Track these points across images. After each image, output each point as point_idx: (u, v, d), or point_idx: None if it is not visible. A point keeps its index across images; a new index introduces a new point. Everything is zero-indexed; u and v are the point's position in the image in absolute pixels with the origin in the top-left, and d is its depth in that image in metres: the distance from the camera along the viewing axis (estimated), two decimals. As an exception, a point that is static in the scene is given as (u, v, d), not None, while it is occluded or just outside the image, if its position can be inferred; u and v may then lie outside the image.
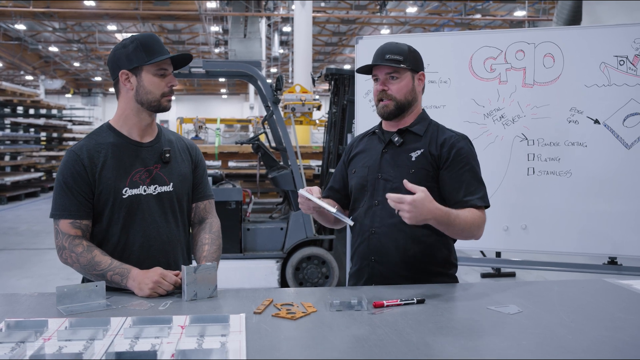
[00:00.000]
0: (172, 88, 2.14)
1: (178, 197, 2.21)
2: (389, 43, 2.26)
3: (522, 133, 3.58)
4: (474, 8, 21.49)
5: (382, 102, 2.23)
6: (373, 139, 2.37)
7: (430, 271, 2.23)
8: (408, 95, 2.23)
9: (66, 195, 2.05)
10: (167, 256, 2.17)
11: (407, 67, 2.21)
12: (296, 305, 1.84)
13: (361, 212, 2.27)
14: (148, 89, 2.08)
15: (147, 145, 2.17)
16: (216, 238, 2.28)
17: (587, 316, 1.79)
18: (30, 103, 15.40)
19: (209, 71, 5.82)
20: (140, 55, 2.06)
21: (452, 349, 1.48)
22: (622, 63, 3.37)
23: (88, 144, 2.10)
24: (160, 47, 2.09)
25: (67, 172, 2.06)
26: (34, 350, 1.39)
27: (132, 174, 2.11)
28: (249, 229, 5.70)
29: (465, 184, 2.17)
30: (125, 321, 1.64)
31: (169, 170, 2.19)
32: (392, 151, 2.26)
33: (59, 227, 2.06)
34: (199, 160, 2.34)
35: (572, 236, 3.51)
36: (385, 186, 2.21)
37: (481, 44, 3.64)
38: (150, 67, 2.07)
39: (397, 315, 1.76)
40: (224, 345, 1.45)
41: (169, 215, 2.18)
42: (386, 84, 2.22)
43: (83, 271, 2.05)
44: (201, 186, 2.34)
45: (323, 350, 1.47)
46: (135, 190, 2.10)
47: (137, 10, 19.76)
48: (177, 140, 2.30)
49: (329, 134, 6.18)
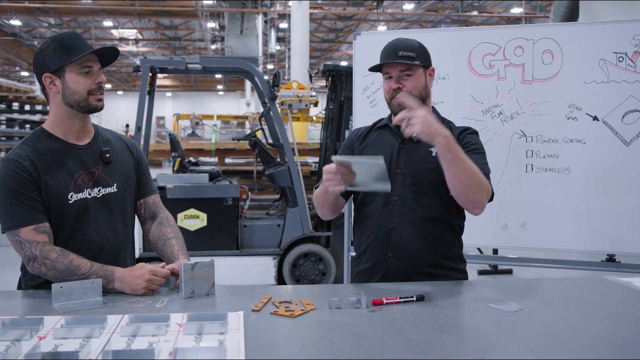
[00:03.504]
0: (100, 85, 2.02)
1: (123, 197, 2.15)
2: (399, 39, 2.22)
3: (521, 130, 3.56)
4: (471, 5, 21.48)
5: (396, 100, 2.17)
6: (384, 132, 2.32)
7: (446, 266, 2.23)
8: (422, 91, 2.20)
9: (18, 203, 1.93)
10: (118, 258, 2.13)
11: (421, 63, 2.17)
12: (295, 302, 1.82)
13: (376, 208, 2.22)
14: (73, 89, 1.98)
15: (86, 147, 2.09)
16: (178, 232, 2.25)
17: (587, 314, 1.77)
18: (26, 99, 15.33)
19: (206, 67, 5.80)
20: (61, 56, 1.95)
21: (454, 347, 1.47)
22: (622, 59, 3.35)
23: (25, 151, 1.98)
24: (82, 45, 1.98)
25: (12, 180, 1.93)
26: (29, 349, 1.37)
27: (75, 177, 2.03)
28: (246, 225, 5.68)
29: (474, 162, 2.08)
30: (122, 319, 1.62)
31: (111, 170, 2.12)
32: (410, 147, 2.23)
33: (21, 237, 1.93)
34: (140, 156, 2.27)
35: (570, 233, 3.50)
36: (405, 181, 2.19)
37: (480, 40, 3.62)
38: (73, 66, 1.96)
39: (396, 312, 1.74)
40: (222, 344, 1.43)
41: (116, 216, 2.13)
42: (400, 81, 2.17)
43: (60, 278, 1.92)
44: (146, 182, 2.29)
45: (323, 348, 1.45)
46: (80, 194, 2.03)
47: (133, 6, 19.69)
48: (116, 139, 2.22)
49: (326, 130, 6.16)
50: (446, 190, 2.16)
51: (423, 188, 2.18)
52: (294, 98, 7.24)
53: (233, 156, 8.66)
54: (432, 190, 2.18)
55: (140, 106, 5.51)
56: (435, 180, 2.16)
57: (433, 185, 2.18)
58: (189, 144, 9.37)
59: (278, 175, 5.68)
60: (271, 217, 5.98)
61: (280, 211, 6.18)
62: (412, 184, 2.19)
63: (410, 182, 2.19)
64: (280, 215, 5.97)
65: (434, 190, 2.18)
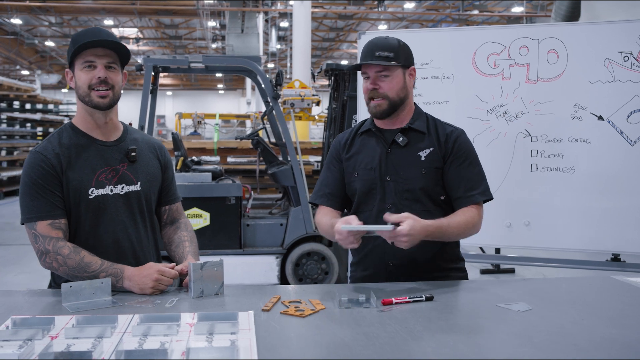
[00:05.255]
0: (100, 79, 1.98)
1: (146, 196, 2.15)
2: (378, 38, 2.18)
3: (526, 129, 3.56)
4: (472, 4, 21.47)
5: (373, 101, 2.15)
6: (368, 138, 2.26)
7: (445, 268, 2.23)
8: (400, 92, 2.16)
9: (38, 196, 1.96)
10: (137, 257, 2.12)
11: (398, 63, 2.13)
12: (304, 302, 1.82)
13: (371, 216, 2.19)
14: (78, 84, 2.01)
15: (112, 144, 2.10)
16: (193, 237, 2.27)
17: (596, 314, 1.77)
18: (27, 98, 15.33)
19: (208, 66, 5.79)
20: (70, 50, 1.99)
21: (465, 347, 1.47)
22: (627, 59, 3.35)
23: (52, 144, 2.02)
24: (90, 38, 1.96)
25: (35, 172, 1.97)
26: (42, 348, 1.37)
27: (97, 173, 2.04)
28: (249, 224, 5.67)
29: (465, 180, 2.15)
30: (133, 319, 1.62)
31: (136, 169, 2.13)
32: (398, 151, 2.19)
33: (37, 231, 1.96)
34: (168, 162, 2.28)
35: (575, 233, 3.50)
36: (396, 188, 2.17)
37: (485, 40, 3.62)
38: (79, 61, 1.99)
39: (406, 312, 1.75)
40: (234, 344, 1.43)
41: (136, 215, 2.13)
42: (377, 82, 2.14)
43: (71, 274, 1.94)
44: (172, 188, 2.30)
45: (335, 348, 1.45)
46: (101, 190, 2.04)
47: (134, 5, 19.68)
48: (143, 140, 2.22)
49: (328, 129, 6.15)
50: (439, 194, 2.18)
51: (415, 194, 2.16)
52: (296, 97, 7.23)
53: (235, 155, 8.66)
54: (424, 195, 2.16)
55: (143, 105, 5.50)
56: (426, 184, 2.15)
57: (424, 190, 2.16)
58: (191, 143, 9.37)
59: (281, 174, 5.68)
60: (274, 216, 5.97)
61: (283, 210, 6.17)
62: (404, 191, 2.16)
63: (402, 189, 2.16)
64: (283, 214, 5.97)
65: (425, 195, 2.16)
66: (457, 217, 2.11)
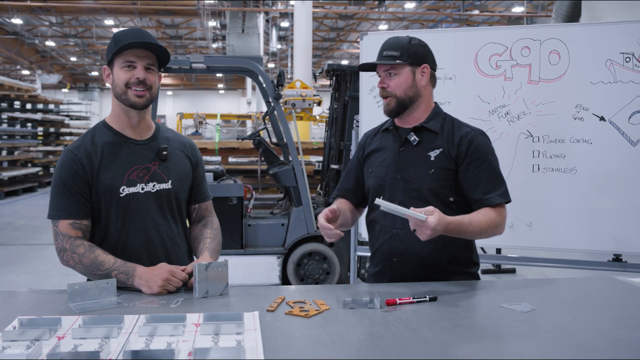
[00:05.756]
0: (139, 80, 2.02)
1: (176, 194, 2.18)
2: (390, 38, 2.22)
3: (527, 130, 3.57)
4: (472, 4, 21.48)
5: (384, 100, 2.20)
6: (387, 136, 2.30)
7: (453, 271, 2.21)
8: (408, 90, 2.17)
9: (64, 195, 2.02)
10: (169, 254, 2.15)
11: (404, 61, 2.15)
12: (308, 303, 1.83)
13: (381, 213, 2.20)
14: (116, 82, 2.05)
15: (144, 143, 2.14)
16: (217, 234, 2.28)
17: (600, 314, 1.78)
18: (28, 98, 15.34)
19: (210, 67, 5.79)
20: (111, 49, 2.03)
21: (469, 347, 1.48)
22: (628, 60, 3.36)
23: (85, 143, 2.07)
24: (132, 39, 2.01)
25: (65, 171, 2.03)
26: (49, 349, 1.38)
27: (129, 172, 2.07)
28: (250, 224, 5.68)
29: (484, 182, 2.14)
30: (139, 319, 1.63)
31: (167, 167, 2.16)
32: (409, 150, 2.21)
33: (58, 229, 2.02)
34: (198, 160, 2.31)
35: (577, 233, 3.51)
36: (405, 187, 2.18)
37: (486, 41, 3.63)
38: (119, 59, 2.03)
39: (410, 313, 1.75)
40: (240, 344, 1.44)
41: (167, 213, 2.15)
42: (385, 81, 2.18)
43: (86, 272, 2.02)
44: (202, 187, 2.32)
45: (340, 348, 1.46)
46: (132, 188, 2.07)
47: (135, 5, 19.68)
48: (175, 138, 2.26)
49: (330, 130, 6.17)
50: (447, 195, 2.17)
51: (423, 194, 2.16)
52: (298, 97, 7.24)
53: (236, 155, 8.66)
54: (432, 195, 2.16)
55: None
56: (434, 185, 2.16)
57: (432, 191, 2.16)
58: (192, 143, 9.36)
59: (282, 174, 5.69)
60: (275, 217, 5.98)
61: (285, 210, 6.18)
62: (412, 190, 2.17)
63: (410, 188, 2.18)
64: (285, 214, 5.98)
65: (433, 195, 2.16)
66: (480, 216, 2.09)
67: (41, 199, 13.08)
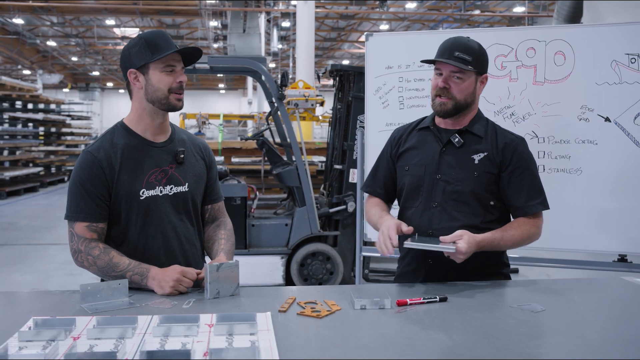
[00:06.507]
0: (181, 84, 2.09)
1: (193, 197, 2.20)
2: (459, 38, 2.18)
3: (533, 131, 3.57)
4: (473, 4, 21.48)
5: (439, 99, 2.16)
6: (426, 135, 2.28)
7: (486, 272, 2.22)
8: (468, 97, 2.17)
9: (83, 197, 2.02)
10: (187, 256, 2.17)
11: (474, 69, 2.14)
12: (320, 303, 1.84)
13: (416, 213, 2.21)
14: (156, 86, 2.05)
15: (161, 145, 2.15)
16: (231, 235, 2.31)
17: (610, 315, 1.79)
18: (30, 98, 15.35)
19: (213, 67, 5.80)
20: (146, 53, 2.03)
21: (481, 347, 1.48)
22: (634, 61, 3.36)
23: (104, 145, 2.07)
24: (167, 43, 2.05)
25: (85, 173, 2.03)
26: (65, 349, 1.39)
27: (148, 174, 2.09)
28: (254, 224, 5.70)
29: (527, 189, 2.17)
30: (152, 320, 1.64)
31: (184, 170, 2.17)
32: (452, 152, 2.21)
33: (74, 230, 2.04)
34: (212, 161, 2.33)
35: (582, 233, 3.51)
36: (445, 188, 2.18)
37: (492, 42, 3.63)
38: (157, 63, 2.04)
39: (421, 313, 1.76)
40: (255, 344, 1.45)
41: (183, 215, 2.17)
42: (449, 82, 2.14)
43: (101, 273, 2.03)
44: (215, 188, 2.34)
45: (354, 349, 1.47)
46: (151, 191, 2.09)
47: (136, 5, 19.68)
48: (190, 140, 2.28)
49: (333, 130, 6.17)
50: (488, 199, 2.18)
51: (464, 196, 2.16)
52: (301, 97, 7.24)
53: (239, 155, 8.67)
54: (474, 198, 2.16)
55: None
56: (477, 188, 2.16)
57: (474, 194, 2.16)
58: (195, 143, 9.36)
59: (286, 174, 5.70)
60: (279, 217, 5.99)
61: (288, 210, 6.19)
62: (452, 192, 2.17)
63: (451, 190, 2.17)
64: (288, 214, 5.99)
65: (475, 198, 2.17)
66: (512, 230, 2.14)
67: (43, 199, 13.08)
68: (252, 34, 19.82)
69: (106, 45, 28.25)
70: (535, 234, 2.20)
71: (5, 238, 8.71)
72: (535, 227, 2.19)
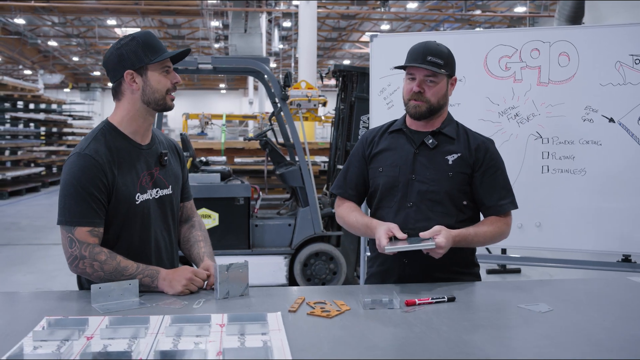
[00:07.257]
0: (176, 85, 2.08)
1: (175, 199, 2.20)
2: (430, 42, 2.22)
3: (537, 131, 3.59)
4: (474, 4, 21.48)
5: (414, 102, 2.20)
6: (398, 137, 2.32)
7: (458, 272, 2.26)
8: (441, 99, 2.22)
9: (84, 201, 1.93)
10: (172, 259, 2.19)
11: (446, 72, 2.20)
12: (329, 303, 1.85)
13: (390, 213, 2.24)
14: (155, 87, 2.02)
15: (147, 148, 2.12)
16: (207, 236, 2.31)
17: (617, 314, 1.80)
18: (31, 98, 15.36)
19: (217, 67, 5.81)
20: (145, 55, 2.00)
21: (491, 347, 1.50)
22: (638, 62, 3.37)
23: (101, 148, 1.99)
24: (161, 44, 2.06)
25: (86, 177, 1.94)
26: (80, 348, 1.40)
27: (140, 178, 2.07)
28: (257, 225, 5.70)
29: (499, 189, 2.25)
30: (164, 320, 1.65)
31: (166, 172, 2.16)
32: (426, 153, 2.25)
33: (74, 236, 1.94)
34: (184, 159, 2.31)
35: (586, 234, 3.53)
36: (420, 188, 2.21)
37: (496, 43, 3.65)
38: (156, 65, 2.02)
39: (430, 313, 1.78)
40: (267, 344, 1.46)
41: (168, 217, 2.17)
42: (422, 86, 2.19)
43: (106, 279, 1.93)
44: (187, 186, 2.33)
45: (365, 349, 1.48)
46: (144, 195, 2.07)
47: (137, 5, 19.70)
48: (166, 140, 2.25)
49: (336, 130, 6.19)
50: (462, 199, 2.24)
51: (439, 196, 2.21)
52: (303, 98, 7.25)
53: (242, 156, 8.69)
54: (448, 198, 2.21)
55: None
56: (451, 188, 2.21)
57: (449, 194, 2.21)
58: (198, 144, 9.40)
59: (289, 174, 5.71)
60: (282, 217, 6.00)
61: (291, 210, 6.20)
62: (427, 192, 2.21)
63: (426, 190, 2.21)
64: (291, 214, 6.00)
65: (449, 198, 2.21)
66: (485, 227, 2.21)
67: (44, 199, 13.10)
68: (253, 34, 19.84)
69: (107, 45, 28.21)
70: (505, 232, 2.27)
71: (8, 238, 8.72)
72: (506, 225, 2.26)
